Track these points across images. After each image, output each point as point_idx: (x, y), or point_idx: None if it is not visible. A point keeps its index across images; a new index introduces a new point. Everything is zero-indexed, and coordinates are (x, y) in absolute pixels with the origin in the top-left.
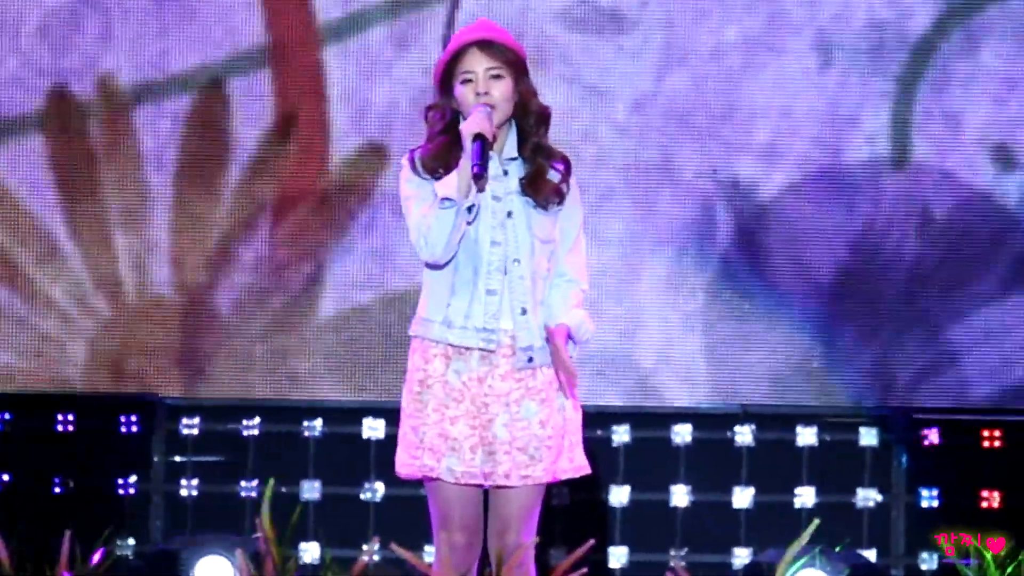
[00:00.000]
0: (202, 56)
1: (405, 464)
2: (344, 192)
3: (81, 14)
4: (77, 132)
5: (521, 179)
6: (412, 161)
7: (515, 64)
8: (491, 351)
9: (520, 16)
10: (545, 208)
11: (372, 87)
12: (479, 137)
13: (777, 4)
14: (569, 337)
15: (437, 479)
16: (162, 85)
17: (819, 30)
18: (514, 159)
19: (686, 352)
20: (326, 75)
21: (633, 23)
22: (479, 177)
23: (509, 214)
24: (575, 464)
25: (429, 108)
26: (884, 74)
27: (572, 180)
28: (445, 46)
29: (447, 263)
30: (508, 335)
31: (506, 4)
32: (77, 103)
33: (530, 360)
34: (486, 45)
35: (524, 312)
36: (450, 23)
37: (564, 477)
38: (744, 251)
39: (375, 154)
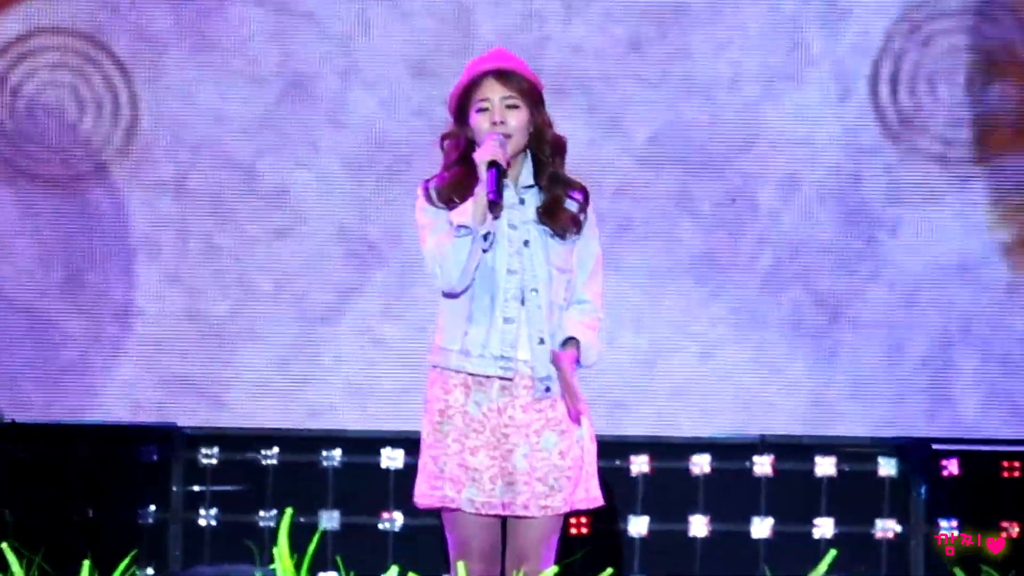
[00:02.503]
0: (219, 86)
1: (424, 495)
2: (362, 221)
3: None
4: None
5: (538, 208)
6: (427, 191)
7: (531, 94)
8: (509, 379)
9: (538, 46)
10: (563, 237)
11: (391, 116)
12: (493, 164)
13: (796, 35)
14: (576, 361)
15: (457, 510)
16: (182, 114)
17: (838, 60)
18: (531, 187)
19: (705, 382)
20: (345, 105)
21: (652, 54)
22: (494, 204)
23: (526, 243)
24: (590, 496)
25: (444, 137)
26: (905, 103)
27: (590, 209)
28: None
29: (463, 292)
30: (527, 365)
31: (525, 34)
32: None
33: (547, 390)
34: (502, 74)
35: (542, 342)
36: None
37: (579, 508)
38: (763, 281)
39: (394, 184)
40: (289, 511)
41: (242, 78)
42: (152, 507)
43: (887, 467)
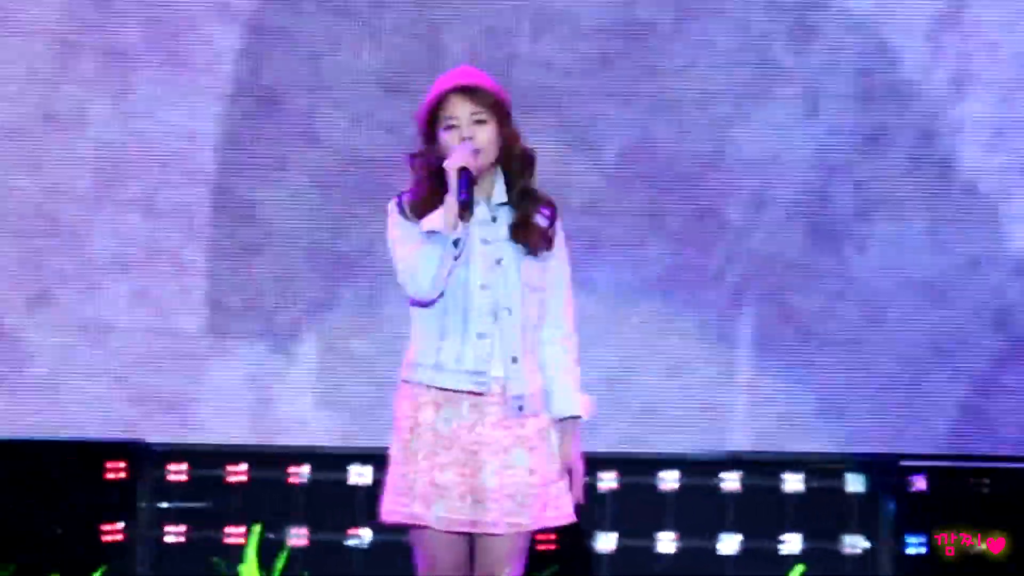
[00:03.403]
0: (191, 103)
1: (393, 511)
2: (331, 237)
3: (70, 55)
4: (67, 177)
5: (510, 225)
6: (400, 205)
7: (498, 108)
8: (481, 395)
9: (507, 63)
10: (535, 255)
11: (360, 133)
12: (463, 170)
13: (765, 52)
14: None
15: (426, 526)
16: (151, 130)
17: (806, 77)
18: (503, 205)
19: (673, 398)
20: (314, 121)
21: (620, 70)
22: (465, 205)
23: (499, 260)
24: (561, 512)
25: (413, 156)
26: (872, 122)
27: (559, 226)
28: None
29: (434, 301)
30: (498, 383)
31: (493, 51)
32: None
33: (520, 409)
34: (468, 91)
35: (515, 360)
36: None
37: (551, 525)
38: (732, 298)
39: (363, 201)
40: (257, 527)
41: (211, 95)
42: (120, 523)
43: (855, 483)
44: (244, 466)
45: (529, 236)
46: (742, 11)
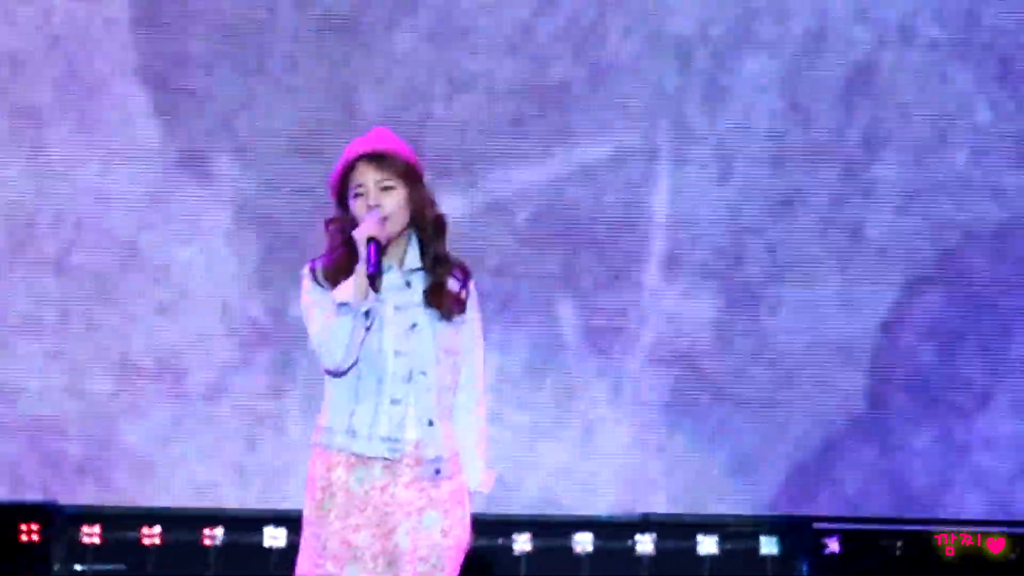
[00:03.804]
0: (101, 163)
1: (307, 573)
2: (246, 299)
3: None
4: None
5: (424, 291)
6: (313, 272)
7: (407, 174)
8: (395, 460)
9: (421, 124)
10: (449, 319)
11: (274, 194)
12: (372, 240)
13: (677, 113)
14: None
15: None
16: (64, 191)
17: (720, 139)
18: (417, 270)
19: (587, 460)
20: (228, 181)
21: (534, 132)
22: (374, 278)
23: (413, 326)
24: None
25: (328, 222)
26: (787, 183)
27: (472, 293)
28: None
29: (348, 370)
30: (412, 445)
31: (407, 112)
32: None
33: (437, 472)
34: (376, 158)
35: (431, 424)
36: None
37: None
38: (645, 360)
39: (277, 262)
40: None
41: (124, 155)
42: None
43: (769, 546)
44: (158, 528)
45: (443, 301)
46: (656, 73)
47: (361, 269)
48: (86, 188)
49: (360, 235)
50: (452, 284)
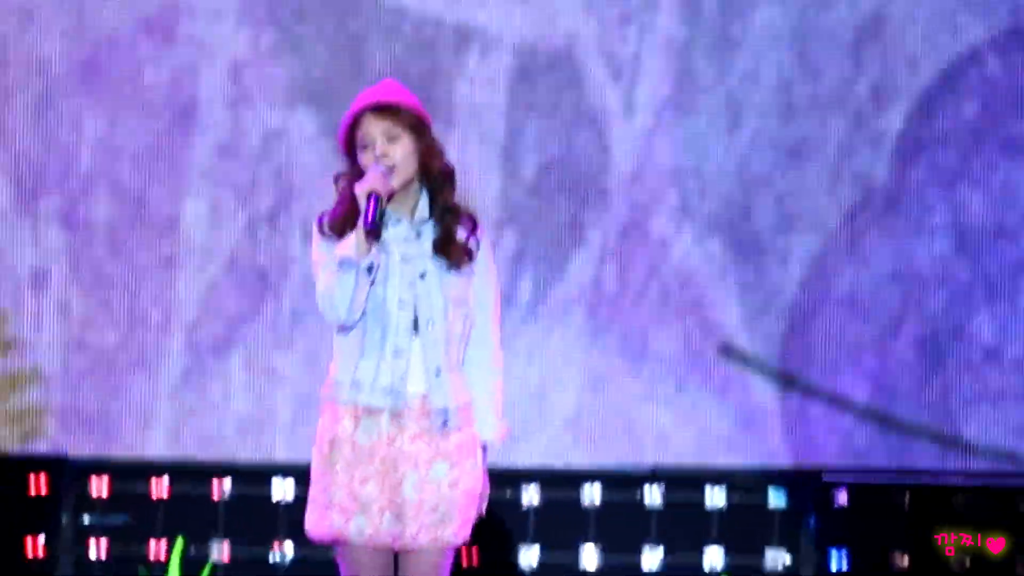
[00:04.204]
0: (108, 115)
1: (315, 525)
2: (252, 251)
3: None
4: None
5: (433, 241)
6: (320, 224)
7: (414, 124)
8: (399, 411)
9: (429, 76)
10: (458, 268)
11: (281, 146)
12: (372, 194)
13: (687, 64)
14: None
15: (347, 540)
16: (71, 143)
17: (728, 90)
18: (427, 221)
19: (595, 413)
20: (235, 134)
21: (542, 83)
22: (371, 232)
23: (422, 275)
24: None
25: (338, 176)
26: (793, 135)
27: (486, 241)
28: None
29: (354, 325)
30: (418, 396)
31: (416, 64)
32: None
33: (445, 423)
34: (382, 109)
35: (439, 374)
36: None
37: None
38: (654, 311)
39: (285, 214)
40: (180, 542)
41: (131, 107)
42: (41, 538)
43: (777, 498)
44: (166, 480)
45: (451, 250)
46: (664, 24)
47: (361, 227)
48: (93, 140)
49: (361, 190)
50: (460, 233)
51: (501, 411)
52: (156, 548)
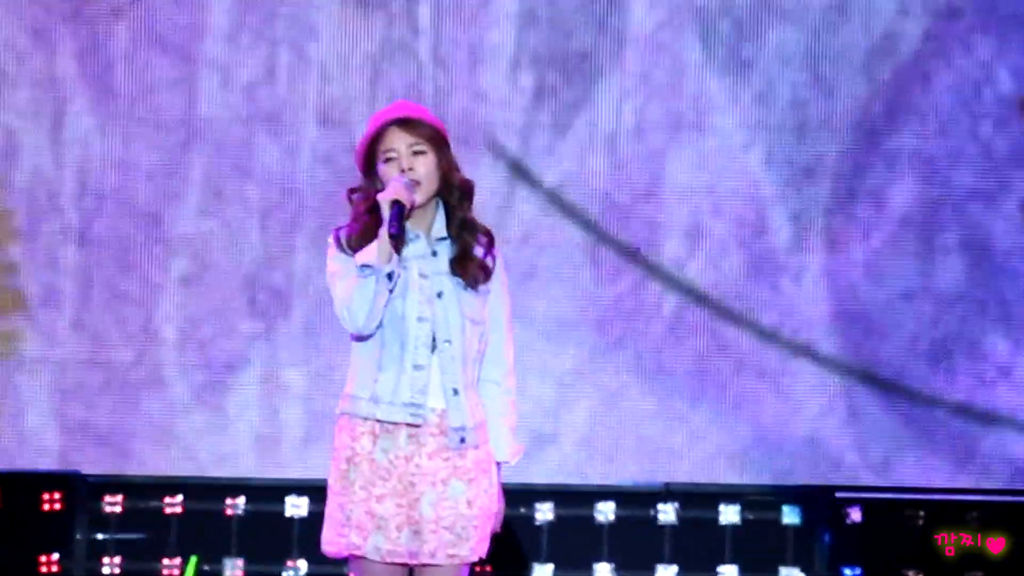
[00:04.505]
0: (123, 134)
1: (331, 542)
2: (267, 269)
3: (6, 85)
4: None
5: (450, 259)
6: (338, 239)
7: (436, 139)
8: (417, 426)
9: (443, 94)
10: (475, 287)
11: (296, 165)
12: (396, 203)
13: (701, 83)
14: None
15: (363, 557)
16: (86, 162)
17: (743, 109)
18: (444, 239)
19: (609, 430)
20: (250, 153)
21: (556, 102)
22: (395, 239)
23: (440, 294)
24: (485, 545)
25: (352, 191)
26: (808, 153)
27: (499, 260)
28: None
29: (371, 334)
30: (436, 413)
31: (429, 82)
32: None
33: (462, 441)
34: (406, 123)
35: (456, 393)
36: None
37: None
38: (667, 330)
39: (299, 233)
40: (194, 559)
41: (146, 125)
42: (56, 555)
43: (791, 515)
44: (180, 498)
45: (468, 268)
46: (677, 43)
47: (384, 232)
48: (108, 158)
49: (384, 198)
50: (477, 250)
51: (515, 430)
52: (170, 565)
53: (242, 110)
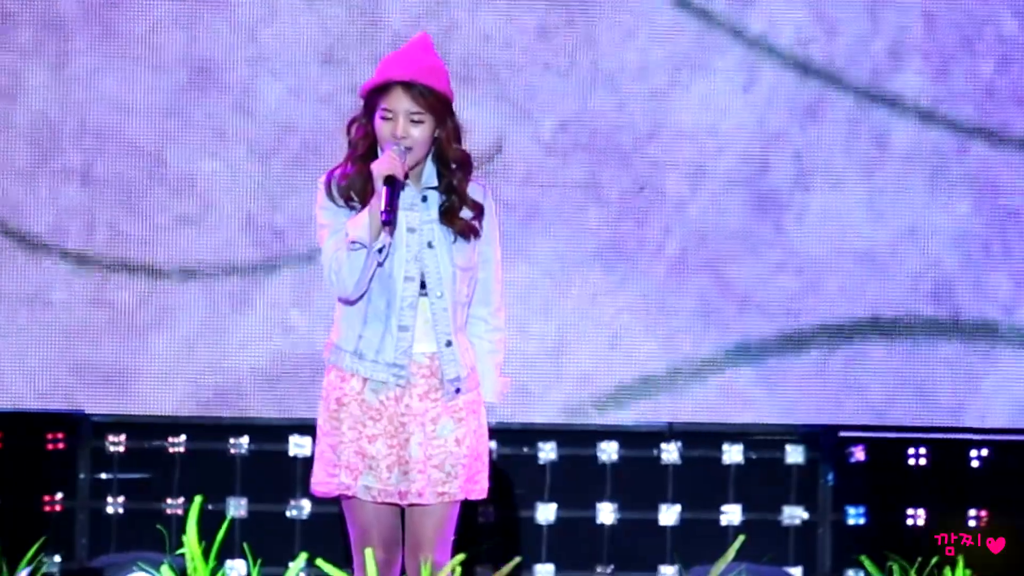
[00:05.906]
0: (124, 73)
1: (322, 483)
2: (269, 209)
3: (7, 24)
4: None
5: (440, 210)
6: (328, 185)
7: (437, 109)
8: (400, 387)
9: (446, 34)
10: (465, 239)
11: (298, 104)
12: (389, 180)
13: (703, 23)
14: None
15: (354, 497)
16: (87, 101)
17: (745, 48)
18: (434, 188)
19: (612, 370)
20: (252, 92)
21: (559, 42)
22: (388, 224)
23: (430, 244)
24: (479, 487)
25: (352, 121)
26: (810, 92)
27: (490, 202)
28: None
29: (358, 300)
30: (427, 356)
31: (432, 22)
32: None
33: (457, 391)
34: (412, 87)
35: (449, 344)
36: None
37: (470, 498)
38: (670, 269)
39: (301, 172)
40: (198, 499)
41: (147, 66)
42: (59, 495)
43: (794, 454)
44: (183, 437)
45: (455, 224)
46: None
47: (376, 209)
48: (109, 98)
49: (378, 172)
50: (465, 213)
51: (501, 367)
52: (173, 504)
53: (244, 50)
